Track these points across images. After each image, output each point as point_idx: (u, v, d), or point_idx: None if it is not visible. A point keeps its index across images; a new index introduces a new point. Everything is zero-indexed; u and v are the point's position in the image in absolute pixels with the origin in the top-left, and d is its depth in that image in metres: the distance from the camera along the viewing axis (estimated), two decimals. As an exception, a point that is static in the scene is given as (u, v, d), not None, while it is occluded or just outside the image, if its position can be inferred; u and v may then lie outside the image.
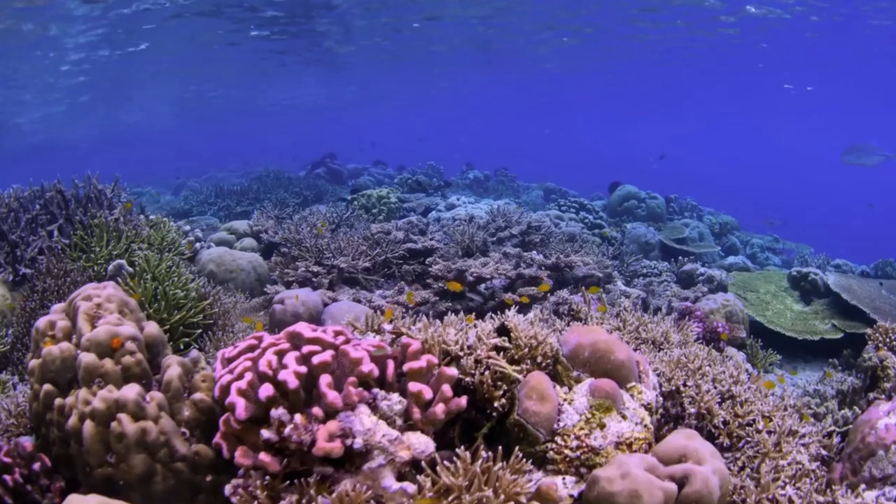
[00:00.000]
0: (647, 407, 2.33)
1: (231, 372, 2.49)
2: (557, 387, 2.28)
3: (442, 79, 26.13)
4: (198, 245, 7.00)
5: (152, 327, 3.53)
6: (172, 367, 3.22)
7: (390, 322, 2.96)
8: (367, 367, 2.13)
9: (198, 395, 3.11)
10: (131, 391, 2.92)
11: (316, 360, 2.14)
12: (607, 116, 48.36)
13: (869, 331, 4.38)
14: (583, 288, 4.04)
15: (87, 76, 20.65)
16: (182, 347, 4.94)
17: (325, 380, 2.09)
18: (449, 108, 42.35)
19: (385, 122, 49.46)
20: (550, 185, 16.78)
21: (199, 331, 5.01)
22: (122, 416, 2.86)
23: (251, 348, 2.59)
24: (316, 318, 4.47)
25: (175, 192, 18.65)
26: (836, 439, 3.11)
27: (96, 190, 6.72)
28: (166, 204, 14.53)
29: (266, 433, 2.23)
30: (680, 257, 7.22)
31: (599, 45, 18.40)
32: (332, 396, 2.05)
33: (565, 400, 2.22)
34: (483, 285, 4.93)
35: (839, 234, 23.10)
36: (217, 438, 2.52)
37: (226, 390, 2.42)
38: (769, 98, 27.99)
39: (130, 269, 5.45)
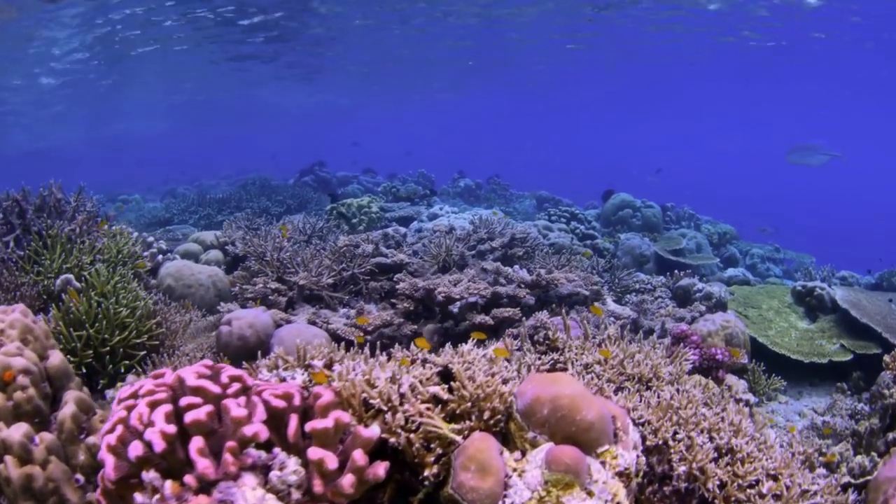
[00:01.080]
0: (624, 474, 1.83)
1: (110, 421, 2.03)
2: (507, 452, 1.79)
3: (435, 86, 25.76)
4: (160, 257, 6.53)
5: (56, 358, 3.07)
6: (68, 405, 2.77)
7: (325, 362, 2.48)
8: (252, 428, 1.63)
9: (91, 439, 2.66)
10: (17, 432, 2.53)
11: (189, 418, 1.65)
12: (606, 122, 47.92)
13: (887, 358, 3.88)
14: (563, 310, 3.55)
15: (73, 86, 20.36)
16: (123, 371, 4.47)
17: (196, 444, 1.60)
18: (442, 115, 41.98)
19: (378, 129, 49.11)
20: (544, 194, 16.29)
21: (143, 353, 4.54)
22: (8, 459, 2.50)
23: (138, 394, 2.10)
24: (265, 342, 3.98)
25: (163, 198, 18.18)
26: (851, 495, 2.63)
27: (55, 199, 6.27)
28: (149, 211, 14.01)
29: (139, 498, 1.77)
30: (676, 271, 6.73)
31: (601, 49, 18.03)
32: (203, 466, 1.57)
33: (515, 470, 1.72)
34: (457, 304, 4.43)
35: (836, 242, 22.63)
36: (97, 494, 2.07)
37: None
38: (770, 101, 27.60)
39: (78, 285, 5.00)
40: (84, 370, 4.37)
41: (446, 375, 2.14)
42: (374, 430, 1.71)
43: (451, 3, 13.86)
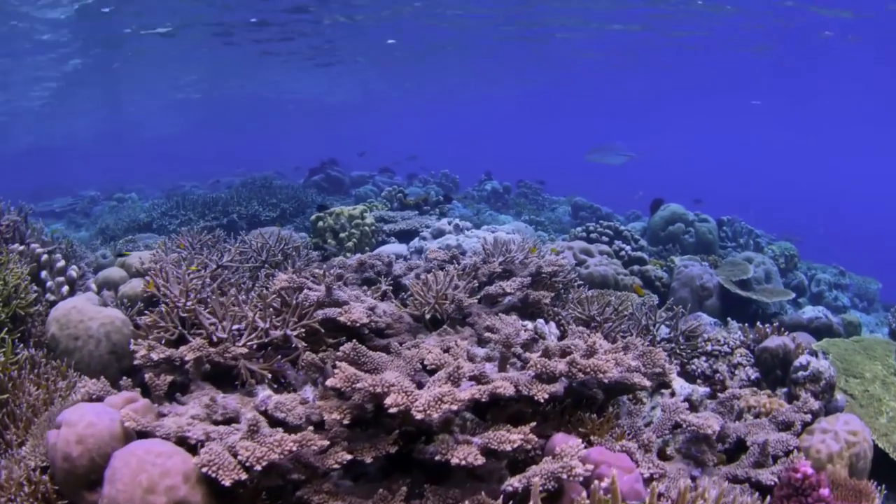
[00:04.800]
0: None
1: None
2: None
3: (466, 82, 24.12)
4: (65, 290, 4.90)
5: None
6: None
7: None
8: None
9: None
10: None
11: None
12: (645, 124, 45.71)
13: None
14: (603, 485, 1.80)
15: (77, 73, 19.24)
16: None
17: None
18: (469, 112, 40.38)
19: (401, 125, 47.66)
20: (579, 200, 14.48)
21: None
22: None
23: None
24: (100, 468, 2.29)
25: (167, 197, 16.81)
26: None
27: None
28: (127, 215, 12.43)
29: None
30: (758, 323, 4.88)
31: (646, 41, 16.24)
32: None
33: None
34: (437, 413, 2.68)
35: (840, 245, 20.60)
36: None
37: None
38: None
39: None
40: None
41: None
42: None
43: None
